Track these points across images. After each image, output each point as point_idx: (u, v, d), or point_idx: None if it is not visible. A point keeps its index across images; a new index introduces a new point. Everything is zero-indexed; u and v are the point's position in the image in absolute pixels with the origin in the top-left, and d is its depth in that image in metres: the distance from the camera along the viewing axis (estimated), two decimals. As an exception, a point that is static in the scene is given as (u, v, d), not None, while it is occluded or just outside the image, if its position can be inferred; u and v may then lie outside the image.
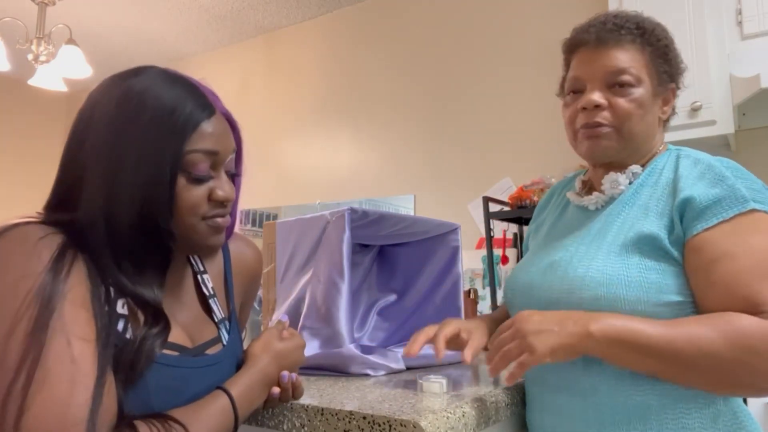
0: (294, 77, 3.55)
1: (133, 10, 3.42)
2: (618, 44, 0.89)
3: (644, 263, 0.81)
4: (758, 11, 1.86)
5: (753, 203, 0.77)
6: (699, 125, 1.88)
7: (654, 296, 0.78)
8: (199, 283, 0.83)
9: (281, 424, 0.83)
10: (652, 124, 0.92)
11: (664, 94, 0.93)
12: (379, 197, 3.08)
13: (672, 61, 0.92)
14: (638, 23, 0.90)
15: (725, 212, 0.78)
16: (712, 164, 0.84)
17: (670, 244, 0.81)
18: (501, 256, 2.47)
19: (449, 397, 0.85)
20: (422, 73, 3.02)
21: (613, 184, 0.91)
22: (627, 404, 0.79)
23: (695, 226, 0.79)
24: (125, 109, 0.67)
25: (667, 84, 0.92)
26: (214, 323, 0.81)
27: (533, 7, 2.70)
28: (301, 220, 1.24)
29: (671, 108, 0.95)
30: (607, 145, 0.89)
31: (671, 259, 0.81)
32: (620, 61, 0.88)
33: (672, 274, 0.80)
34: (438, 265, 1.39)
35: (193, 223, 0.71)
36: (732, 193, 0.79)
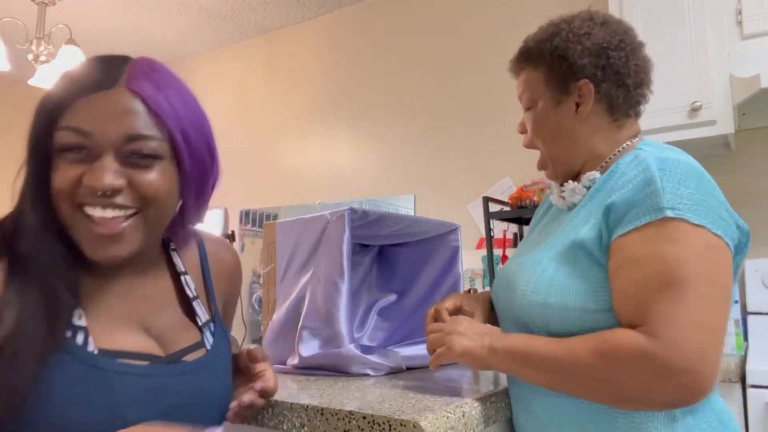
0: (294, 77, 3.55)
1: (133, 10, 3.42)
2: (518, 74, 0.97)
3: (574, 270, 0.81)
4: (758, 11, 1.86)
5: (668, 211, 0.74)
6: (699, 125, 1.88)
7: (578, 302, 0.79)
8: (182, 285, 0.80)
9: (281, 424, 0.83)
10: (568, 133, 0.90)
11: (569, 98, 0.89)
12: (379, 197, 3.07)
13: (567, 61, 0.88)
14: (527, 45, 0.94)
15: (639, 219, 0.76)
16: (649, 166, 0.79)
17: (600, 250, 0.80)
18: (501, 256, 2.47)
19: (449, 397, 0.85)
20: (422, 73, 3.02)
21: (571, 193, 0.91)
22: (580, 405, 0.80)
23: (614, 232, 0.79)
24: None
25: (569, 86, 0.88)
26: (198, 327, 0.78)
27: (534, 7, 2.70)
28: (301, 220, 1.24)
29: (592, 101, 0.88)
30: (548, 174, 0.97)
31: (600, 265, 0.80)
32: (519, 89, 0.96)
33: (598, 281, 0.79)
34: (438, 265, 1.39)
35: (68, 212, 0.65)
36: (650, 199, 0.76)
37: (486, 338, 0.84)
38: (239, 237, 3.56)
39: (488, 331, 0.86)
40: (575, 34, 0.88)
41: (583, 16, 0.91)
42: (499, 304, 0.96)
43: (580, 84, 0.88)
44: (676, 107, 1.91)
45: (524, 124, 0.97)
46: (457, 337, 0.85)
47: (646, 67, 0.91)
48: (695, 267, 0.72)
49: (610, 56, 0.87)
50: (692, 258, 0.73)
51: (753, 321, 1.93)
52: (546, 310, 0.82)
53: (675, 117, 1.91)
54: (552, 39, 0.90)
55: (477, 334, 0.85)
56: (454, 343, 0.84)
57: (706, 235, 0.74)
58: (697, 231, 0.74)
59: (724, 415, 0.80)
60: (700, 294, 0.71)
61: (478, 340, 0.84)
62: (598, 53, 0.87)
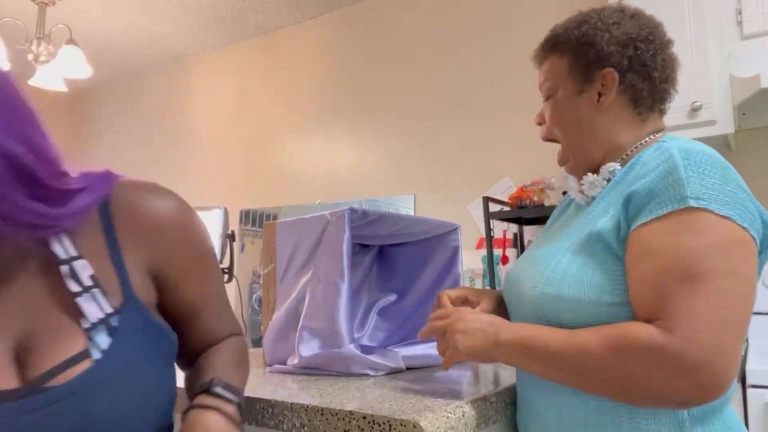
0: (294, 77, 3.55)
1: (133, 10, 3.42)
2: (541, 63, 0.95)
3: (589, 262, 0.79)
4: (758, 11, 1.86)
5: (691, 201, 0.71)
6: (699, 125, 1.88)
7: (592, 296, 0.77)
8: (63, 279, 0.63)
9: (281, 424, 0.83)
10: (588, 123, 0.88)
11: (592, 87, 0.87)
12: (379, 197, 3.07)
13: (593, 47, 0.87)
14: (553, 33, 0.93)
15: (660, 209, 0.73)
16: (672, 155, 0.76)
17: (617, 242, 0.78)
18: (501, 256, 2.47)
19: (449, 397, 0.85)
20: (422, 73, 3.02)
21: (590, 186, 0.88)
22: (585, 406, 0.79)
23: (634, 222, 0.76)
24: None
25: (593, 74, 0.87)
26: (82, 330, 0.60)
27: (533, 7, 2.70)
28: (301, 220, 1.24)
29: (615, 91, 0.86)
30: (568, 168, 0.93)
31: (617, 257, 0.78)
32: (541, 78, 0.94)
33: (615, 273, 0.77)
34: (438, 265, 1.39)
35: None
36: (673, 188, 0.73)
37: (490, 331, 0.81)
38: (239, 237, 3.56)
39: (491, 322, 0.82)
40: (604, 23, 0.87)
41: (614, 7, 0.90)
42: (511, 300, 0.94)
43: (604, 72, 0.86)
44: (676, 107, 1.91)
45: (542, 114, 0.94)
46: (461, 337, 0.82)
47: (673, 64, 0.90)
48: (717, 260, 0.69)
49: (638, 47, 0.86)
50: (714, 251, 0.69)
51: (753, 321, 1.92)
52: (559, 303, 0.79)
53: (675, 117, 1.91)
54: (580, 26, 0.89)
55: (479, 328, 0.82)
56: (458, 344, 0.82)
57: (732, 227, 0.71)
58: (722, 223, 0.71)
59: (734, 425, 0.78)
60: (721, 289, 0.68)
61: (481, 336, 0.81)
62: (625, 43, 0.86)
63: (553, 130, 0.92)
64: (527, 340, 0.77)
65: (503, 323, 0.82)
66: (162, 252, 0.69)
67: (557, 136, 0.92)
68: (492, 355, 0.81)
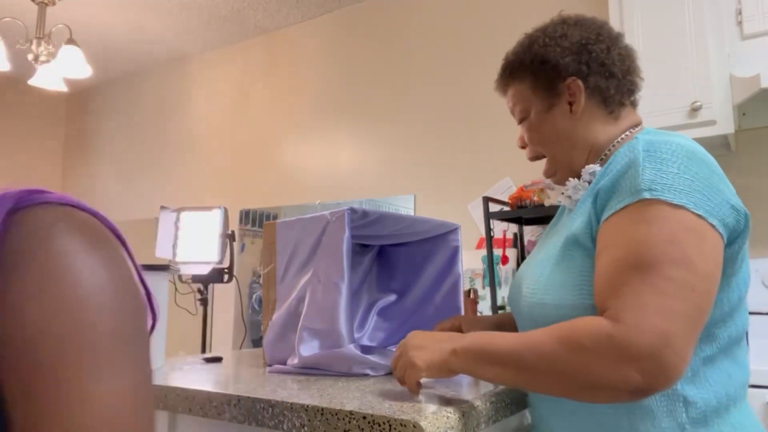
0: (294, 77, 3.55)
1: (133, 10, 3.42)
2: (504, 92, 0.98)
3: (569, 267, 0.80)
4: (758, 11, 1.86)
5: (645, 192, 0.72)
6: (699, 125, 1.88)
7: (575, 299, 0.77)
8: None
9: (281, 424, 0.83)
10: (566, 134, 0.90)
11: (560, 99, 0.89)
12: (379, 197, 3.08)
13: (550, 62, 0.89)
14: (507, 61, 0.96)
15: (618, 203, 0.75)
16: (635, 148, 0.78)
17: (591, 240, 0.79)
18: (501, 256, 2.47)
19: (449, 397, 0.85)
20: (422, 72, 3.02)
21: (574, 190, 0.89)
22: (587, 419, 0.79)
23: (601, 218, 0.78)
24: None
25: (557, 87, 0.89)
26: None
27: (533, 7, 2.70)
28: (301, 220, 1.24)
29: (584, 96, 0.88)
30: (556, 180, 0.95)
31: (592, 257, 0.78)
32: (509, 105, 0.97)
33: (592, 274, 0.77)
34: (438, 265, 1.39)
35: None
36: (630, 182, 0.74)
37: (445, 343, 0.80)
38: (239, 237, 3.56)
39: (448, 337, 0.81)
40: (551, 38, 0.90)
41: (555, 21, 0.93)
42: (514, 311, 0.96)
43: (568, 82, 0.88)
44: (676, 107, 1.92)
45: (522, 137, 0.97)
46: (417, 353, 0.80)
47: (630, 54, 0.91)
48: (666, 249, 0.69)
49: (591, 50, 0.88)
50: (667, 241, 0.69)
51: (753, 321, 1.93)
52: (545, 310, 0.81)
53: (675, 117, 1.91)
54: (530, 48, 0.92)
55: (436, 341, 0.81)
56: (415, 359, 0.80)
57: (685, 216, 0.70)
58: (675, 212, 0.70)
59: (746, 428, 0.77)
60: (669, 278, 0.67)
61: (437, 348, 0.80)
62: (578, 50, 0.88)
63: (536, 149, 0.95)
64: (479, 343, 0.77)
65: (459, 335, 0.81)
66: None
67: (541, 152, 0.95)
68: (449, 365, 0.79)
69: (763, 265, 1.96)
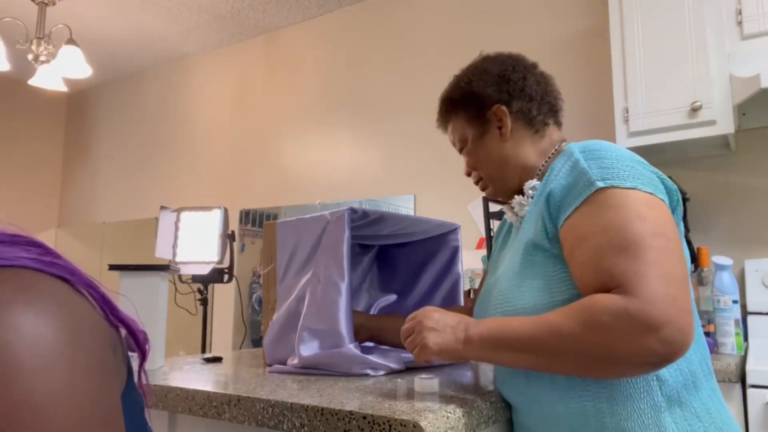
0: (294, 77, 3.55)
1: (133, 10, 3.42)
2: (445, 128, 1.08)
3: (533, 271, 0.85)
4: (758, 11, 1.86)
5: (599, 183, 0.79)
6: (699, 125, 1.88)
7: (546, 299, 0.82)
8: None
9: (281, 424, 0.83)
10: (500, 155, 0.98)
11: (490, 125, 0.98)
12: (379, 197, 3.07)
13: (475, 95, 0.99)
14: (442, 101, 1.05)
15: (577, 199, 0.80)
16: (572, 152, 0.86)
17: (548, 242, 0.84)
18: (501, 256, 2.47)
19: (449, 397, 0.85)
20: (422, 72, 3.02)
21: (519, 206, 0.96)
22: (567, 412, 0.82)
23: (559, 218, 0.83)
24: None
25: (485, 115, 0.98)
26: None
27: (533, 7, 2.70)
28: (301, 220, 1.24)
29: (510, 120, 0.97)
30: (489, 192, 1.04)
31: (555, 257, 0.83)
32: (450, 138, 1.07)
33: (556, 273, 0.82)
34: (438, 265, 1.39)
35: None
36: (581, 178, 0.81)
37: (459, 329, 0.83)
38: (239, 237, 3.56)
39: (459, 320, 0.85)
40: (474, 74, 1.01)
41: (476, 60, 1.04)
42: None
43: (494, 110, 0.97)
44: (676, 107, 1.92)
45: (466, 165, 1.05)
46: (430, 334, 0.84)
47: (546, 79, 1.01)
48: (642, 225, 0.75)
49: (509, 79, 0.98)
50: (636, 218, 0.75)
51: (753, 321, 1.93)
52: (522, 315, 0.83)
53: (675, 117, 1.91)
54: (457, 85, 1.03)
55: (449, 325, 0.85)
56: (427, 340, 0.84)
57: (641, 195, 0.78)
58: (631, 193, 0.78)
59: (713, 405, 0.81)
60: (657, 247, 0.73)
61: (450, 333, 0.83)
62: (498, 81, 0.98)
63: (476, 172, 1.03)
64: (496, 330, 0.80)
65: (470, 320, 0.85)
66: None
67: (481, 174, 1.03)
68: (461, 352, 0.83)
69: (763, 265, 1.96)
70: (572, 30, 2.56)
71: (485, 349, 0.81)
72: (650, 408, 0.77)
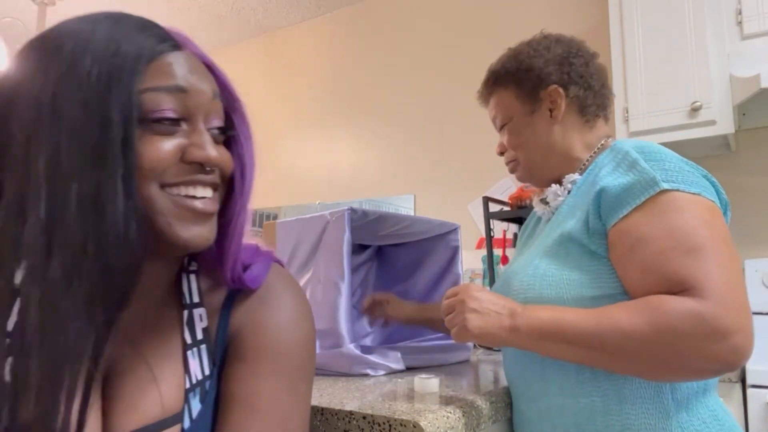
0: (294, 77, 3.55)
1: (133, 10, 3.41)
2: (487, 100, 1.04)
3: (565, 262, 0.83)
4: (758, 11, 1.86)
5: (663, 184, 0.76)
6: (699, 125, 1.88)
7: (573, 292, 0.80)
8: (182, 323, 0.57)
9: (281, 424, 0.83)
10: (546, 138, 0.95)
11: (541, 105, 0.95)
12: (379, 197, 3.07)
13: (533, 72, 0.95)
14: (492, 71, 1.02)
15: (637, 198, 0.77)
16: (627, 151, 0.83)
17: (588, 237, 0.82)
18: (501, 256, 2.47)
19: (449, 397, 0.85)
20: (422, 72, 3.02)
21: (553, 196, 0.94)
22: (575, 406, 0.81)
23: (612, 217, 0.79)
24: (51, 60, 0.48)
25: (539, 94, 0.95)
26: (184, 390, 0.54)
27: (533, 8, 2.70)
28: (301, 220, 1.24)
29: (564, 104, 0.93)
30: (520, 176, 1.01)
31: (591, 253, 0.81)
32: (491, 113, 1.03)
33: (591, 269, 0.80)
34: (438, 266, 1.39)
35: (151, 194, 0.49)
36: (642, 177, 0.78)
37: (504, 314, 0.79)
38: (239, 237, 3.56)
39: (504, 305, 0.80)
40: (536, 50, 0.97)
41: (538, 37, 1.00)
42: None
43: (549, 90, 0.94)
44: (676, 107, 1.92)
45: (501, 144, 1.02)
46: (472, 316, 0.80)
47: (604, 72, 0.99)
48: (707, 231, 0.73)
49: (572, 63, 0.95)
50: (701, 223, 0.74)
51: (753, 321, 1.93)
52: (543, 304, 0.82)
53: (675, 117, 1.91)
54: (516, 57, 0.98)
55: (493, 310, 0.80)
56: (467, 322, 0.80)
57: (705, 202, 0.76)
58: (695, 199, 0.76)
59: (719, 411, 0.80)
60: (723, 254, 0.72)
61: (495, 317, 0.79)
62: (561, 61, 0.95)
63: (515, 153, 1.00)
64: (550, 321, 0.76)
65: (516, 306, 0.80)
66: (250, 336, 0.58)
67: (516, 156, 1.00)
68: (505, 339, 0.79)
69: (763, 265, 1.96)
70: (572, 30, 2.55)
71: (533, 339, 0.77)
72: (658, 411, 0.76)
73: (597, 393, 0.79)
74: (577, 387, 0.81)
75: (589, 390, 0.80)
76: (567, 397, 0.82)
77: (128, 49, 0.49)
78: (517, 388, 0.91)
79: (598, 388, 0.79)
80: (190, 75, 0.52)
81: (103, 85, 0.47)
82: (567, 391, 0.82)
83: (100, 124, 0.46)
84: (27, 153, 0.45)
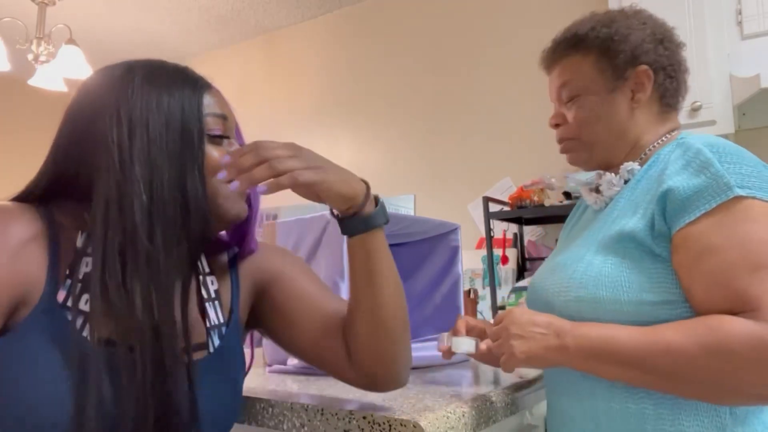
0: (294, 77, 3.55)
1: (133, 10, 3.42)
2: (557, 63, 0.92)
3: (623, 262, 0.77)
4: (758, 11, 1.86)
5: (738, 190, 0.70)
6: (699, 125, 1.88)
7: (632, 295, 0.75)
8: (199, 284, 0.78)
9: (281, 424, 0.83)
10: (621, 121, 0.87)
11: (625, 84, 0.86)
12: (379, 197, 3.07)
13: (628, 44, 0.85)
14: (575, 32, 0.90)
15: (707, 203, 0.71)
16: (700, 150, 0.76)
17: (652, 239, 0.76)
18: (501, 256, 2.47)
19: (449, 397, 0.85)
20: (422, 72, 3.02)
21: (608, 185, 0.87)
22: (623, 411, 0.77)
23: (679, 220, 0.74)
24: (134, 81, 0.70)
25: (624, 72, 0.86)
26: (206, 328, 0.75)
27: (533, 7, 2.70)
28: (301, 220, 1.24)
29: (651, 88, 0.86)
30: (575, 156, 0.92)
31: (653, 255, 0.76)
32: (560, 79, 0.91)
33: (652, 272, 0.75)
34: (438, 265, 1.39)
35: (213, 183, 0.71)
36: (715, 181, 0.72)
37: (550, 333, 0.75)
38: (239, 237, 3.56)
39: (549, 323, 0.76)
40: (633, 23, 0.87)
41: (630, 12, 0.90)
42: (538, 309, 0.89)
43: (639, 70, 0.85)
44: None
45: (561, 115, 0.91)
46: (516, 342, 0.76)
47: (686, 65, 0.91)
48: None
49: (666, 47, 0.86)
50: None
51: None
52: (597, 305, 0.77)
53: (675, 117, 1.91)
54: (610, 25, 0.87)
55: (537, 332, 0.76)
56: (513, 349, 0.76)
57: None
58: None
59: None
60: None
61: (540, 339, 0.75)
62: (657, 41, 0.86)
63: (577, 130, 0.89)
64: (600, 342, 0.72)
65: (563, 324, 0.76)
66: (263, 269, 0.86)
67: (579, 134, 0.89)
68: (553, 360, 0.75)
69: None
70: (572, 30, 2.56)
71: (582, 359, 0.73)
72: (713, 425, 0.72)
73: (649, 400, 0.75)
74: (626, 392, 0.76)
75: (641, 396, 0.75)
76: (614, 402, 0.77)
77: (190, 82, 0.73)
78: (559, 385, 0.86)
79: (650, 394, 0.75)
80: (225, 107, 0.78)
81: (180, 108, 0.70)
82: (617, 395, 0.77)
83: (181, 136, 0.68)
84: (122, 158, 0.64)
